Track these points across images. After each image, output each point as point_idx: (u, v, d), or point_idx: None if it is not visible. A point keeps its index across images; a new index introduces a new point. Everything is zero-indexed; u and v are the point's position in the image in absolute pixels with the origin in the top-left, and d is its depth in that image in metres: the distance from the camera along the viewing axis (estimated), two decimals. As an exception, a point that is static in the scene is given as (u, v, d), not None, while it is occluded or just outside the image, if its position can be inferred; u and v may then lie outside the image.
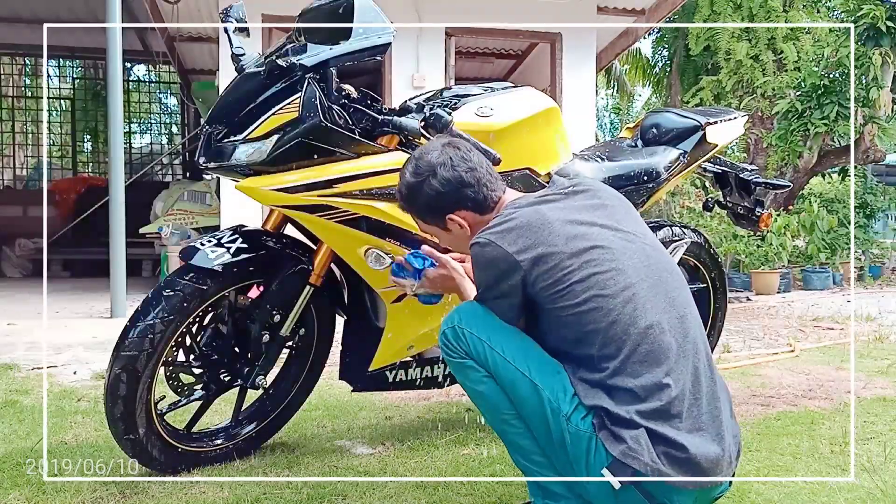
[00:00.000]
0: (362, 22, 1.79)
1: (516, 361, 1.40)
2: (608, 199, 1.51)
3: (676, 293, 1.42)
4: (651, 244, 1.47)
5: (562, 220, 1.40)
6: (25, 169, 12.50)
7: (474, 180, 1.52)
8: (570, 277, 1.35)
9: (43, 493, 1.78)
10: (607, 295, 1.34)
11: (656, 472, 1.29)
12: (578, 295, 1.35)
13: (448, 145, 1.55)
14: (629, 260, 1.39)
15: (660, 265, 1.43)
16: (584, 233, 1.40)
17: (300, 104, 1.73)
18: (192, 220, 6.74)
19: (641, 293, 1.36)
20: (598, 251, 1.38)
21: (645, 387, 1.31)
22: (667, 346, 1.34)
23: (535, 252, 1.37)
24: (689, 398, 1.34)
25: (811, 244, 7.93)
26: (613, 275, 1.36)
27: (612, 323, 1.33)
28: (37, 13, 8.62)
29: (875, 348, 3.85)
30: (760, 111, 8.79)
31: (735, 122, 2.62)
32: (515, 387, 1.40)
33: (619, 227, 1.44)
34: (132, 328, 1.76)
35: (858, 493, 1.80)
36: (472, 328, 1.45)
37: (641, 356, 1.32)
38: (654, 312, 1.36)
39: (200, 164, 1.83)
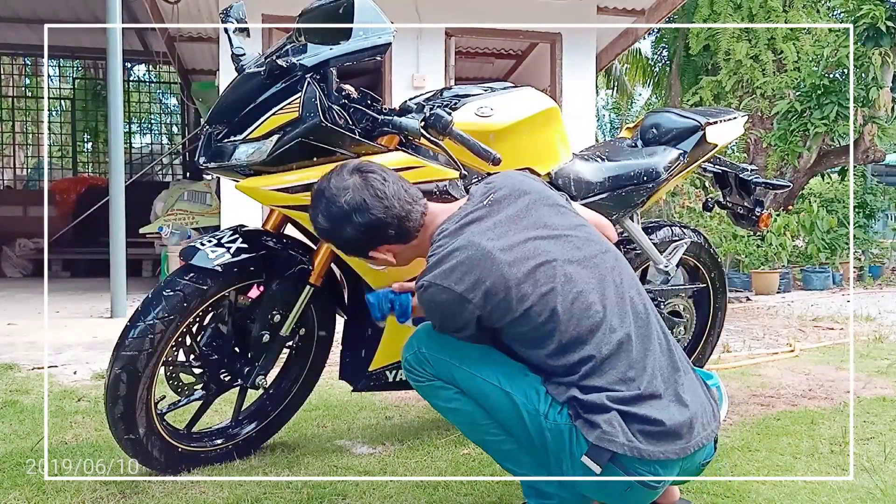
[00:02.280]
0: (362, 22, 1.79)
1: (483, 374, 1.42)
2: (527, 200, 1.49)
3: (618, 277, 1.45)
4: (579, 235, 1.47)
5: (499, 248, 1.39)
6: (25, 169, 12.51)
7: (392, 218, 1.48)
8: (523, 304, 1.36)
9: (43, 493, 1.78)
10: (562, 311, 1.36)
11: (634, 449, 1.31)
12: (535, 318, 1.36)
13: (361, 180, 1.48)
14: (570, 266, 1.40)
15: (593, 254, 1.45)
16: (523, 255, 1.39)
17: (300, 104, 1.73)
18: (192, 220, 6.74)
19: (592, 295, 1.39)
20: (542, 269, 1.38)
21: (612, 380, 1.34)
22: (625, 342, 1.37)
23: (483, 287, 1.36)
24: (650, 374, 1.37)
25: (811, 244, 7.93)
26: (562, 286, 1.37)
27: (573, 337, 1.35)
28: (37, 13, 8.62)
29: (875, 348, 3.85)
30: (760, 111, 8.79)
31: (735, 122, 2.62)
32: (488, 398, 1.42)
33: (550, 232, 1.45)
34: (132, 328, 1.76)
35: (858, 492, 1.80)
36: (433, 351, 1.46)
37: (605, 357, 1.35)
38: (611, 313, 1.39)
39: (200, 164, 1.83)
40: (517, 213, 1.46)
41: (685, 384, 1.41)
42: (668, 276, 2.51)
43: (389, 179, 1.51)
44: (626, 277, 1.47)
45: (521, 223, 1.45)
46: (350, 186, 1.47)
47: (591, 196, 2.23)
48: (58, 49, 10.33)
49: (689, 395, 1.39)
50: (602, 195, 2.25)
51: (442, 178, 1.85)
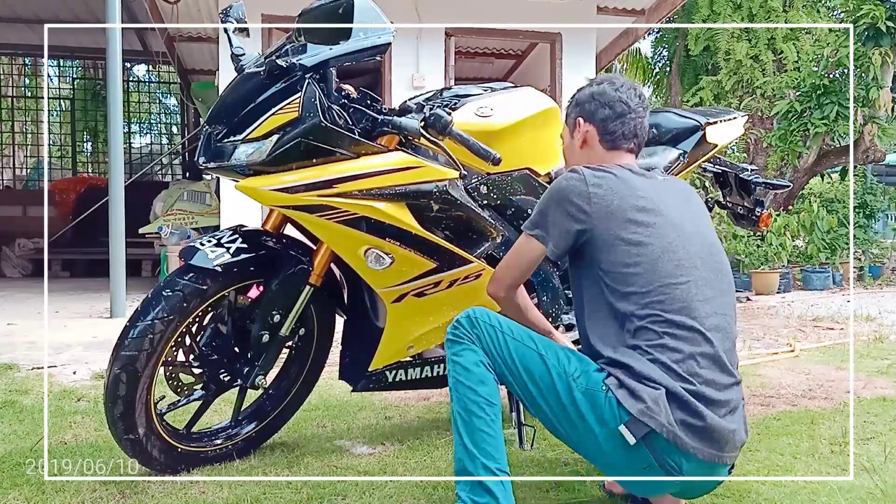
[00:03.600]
0: (362, 22, 1.79)
1: (524, 340, 1.49)
2: (690, 203, 1.64)
3: (725, 278, 1.55)
4: (705, 237, 1.57)
5: (651, 193, 1.53)
6: (25, 169, 12.50)
7: (628, 123, 1.62)
8: (628, 231, 1.47)
9: (43, 493, 1.78)
10: (661, 265, 1.45)
11: (671, 433, 1.35)
12: (633, 252, 1.46)
13: (639, 88, 1.68)
14: (692, 247, 1.50)
15: (713, 257, 1.55)
16: (656, 209, 1.51)
17: (300, 104, 1.73)
18: (192, 220, 6.74)
19: (694, 273, 1.47)
20: (662, 229, 1.49)
21: (676, 359, 1.39)
22: (705, 331, 1.43)
23: (607, 200, 1.49)
24: (713, 375, 1.41)
25: (811, 244, 7.93)
26: (671, 249, 1.47)
27: (659, 296, 1.43)
28: (37, 13, 8.62)
29: (875, 348, 3.85)
30: (760, 111, 8.79)
31: (735, 122, 2.62)
32: (525, 361, 1.47)
33: (693, 222, 1.56)
34: (132, 328, 1.76)
35: (858, 493, 1.80)
36: (486, 318, 1.52)
37: (680, 334, 1.41)
38: (703, 296, 1.46)
39: (200, 164, 1.83)
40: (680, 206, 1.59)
41: (736, 400, 1.46)
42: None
43: (647, 111, 1.68)
44: (728, 282, 1.57)
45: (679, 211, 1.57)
46: (635, 86, 1.69)
47: (590, 196, 2.22)
48: (58, 49, 10.33)
49: (737, 412, 1.45)
50: (602, 195, 2.25)
51: (442, 178, 1.84)
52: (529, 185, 2.07)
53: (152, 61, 9.90)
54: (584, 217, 1.50)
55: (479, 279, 1.98)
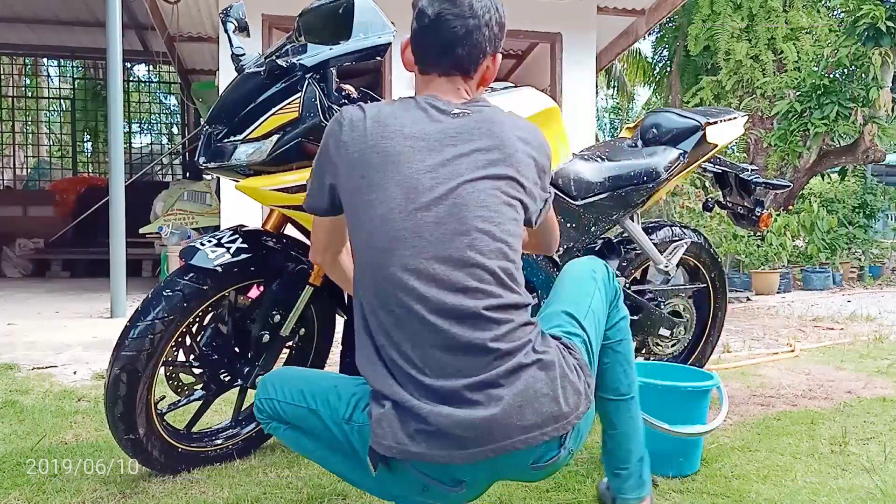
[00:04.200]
0: (362, 22, 1.79)
1: (296, 400, 1.35)
2: (478, 143, 1.27)
3: (458, 216, 1.21)
4: (473, 200, 1.22)
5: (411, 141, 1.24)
6: (25, 169, 12.50)
7: (431, 38, 1.34)
8: (356, 202, 1.24)
9: (43, 493, 1.78)
10: (371, 232, 1.22)
11: (404, 451, 1.15)
12: (357, 223, 1.25)
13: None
14: (425, 212, 1.20)
15: (467, 222, 1.22)
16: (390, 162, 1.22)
17: (300, 104, 1.73)
18: (192, 220, 6.74)
19: (410, 241, 1.19)
20: (390, 189, 1.21)
21: (393, 359, 1.19)
22: (419, 309, 1.18)
23: (352, 158, 1.24)
24: (445, 359, 1.17)
25: (811, 244, 7.93)
26: (388, 214, 1.20)
27: (373, 268, 1.21)
28: (37, 13, 8.62)
29: (875, 348, 3.85)
30: (760, 111, 8.79)
31: (735, 122, 2.62)
32: (305, 422, 1.35)
33: (449, 174, 1.23)
34: (132, 328, 1.76)
35: (858, 493, 1.80)
36: (266, 394, 1.40)
37: (395, 324, 1.19)
38: (424, 252, 1.19)
39: (200, 164, 1.83)
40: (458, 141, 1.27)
41: (505, 369, 1.17)
42: (668, 276, 2.51)
43: (477, 16, 1.34)
44: (465, 210, 1.21)
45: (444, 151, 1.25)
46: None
47: (591, 196, 2.23)
48: (58, 49, 10.33)
49: (512, 383, 1.16)
50: (602, 195, 2.25)
51: (442, 178, 1.84)
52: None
53: (152, 61, 9.89)
54: (331, 168, 1.28)
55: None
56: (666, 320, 2.48)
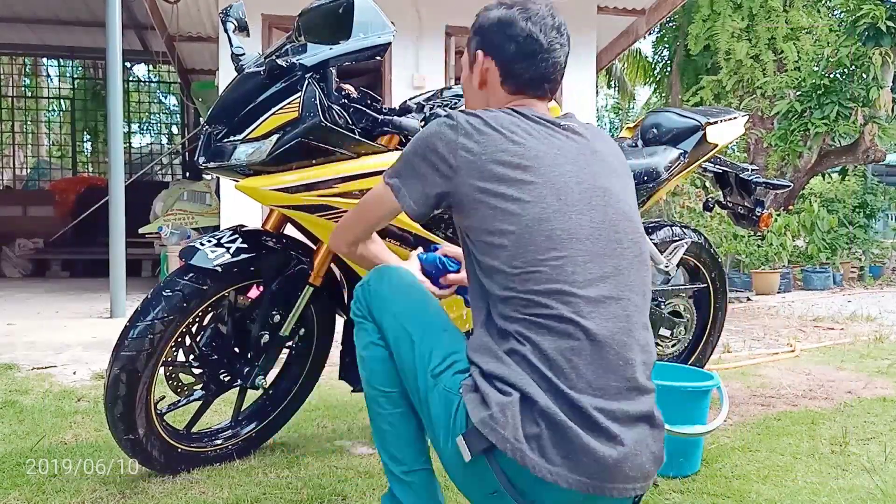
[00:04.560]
0: (362, 22, 1.79)
1: (403, 319, 1.30)
2: (603, 156, 1.31)
3: (627, 252, 1.23)
4: (605, 203, 1.25)
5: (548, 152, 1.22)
6: (25, 169, 12.50)
7: (538, 65, 1.30)
8: (493, 204, 1.19)
9: (43, 493, 1.78)
10: (527, 237, 1.17)
11: (518, 452, 1.07)
12: (495, 221, 1.19)
13: (559, 15, 1.33)
14: (580, 216, 1.20)
15: (613, 226, 1.24)
16: (537, 167, 1.21)
17: (300, 104, 1.73)
18: (192, 220, 6.74)
19: (574, 249, 1.17)
20: (542, 190, 1.20)
21: (542, 347, 1.12)
22: (592, 346, 1.13)
23: (476, 160, 1.20)
24: (598, 372, 1.12)
25: (811, 244, 7.93)
26: (541, 214, 1.18)
27: (527, 268, 1.16)
28: (37, 13, 8.62)
29: (875, 348, 3.85)
30: (760, 111, 8.79)
31: (735, 122, 2.62)
32: (398, 343, 1.29)
33: (594, 182, 1.25)
34: (132, 328, 1.76)
35: (859, 493, 1.80)
36: (380, 287, 1.35)
37: (549, 322, 1.13)
38: (588, 269, 1.17)
39: (200, 164, 1.83)
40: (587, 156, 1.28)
41: (636, 413, 1.14)
42: (668, 276, 2.50)
43: (567, 45, 1.35)
44: (631, 248, 1.24)
45: (582, 163, 1.26)
46: (543, 9, 1.32)
47: (591, 196, 2.22)
48: (58, 49, 10.33)
49: (635, 429, 1.13)
50: (602, 195, 2.25)
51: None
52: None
53: (152, 61, 9.91)
54: (449, 172, 1.23)
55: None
56: (666, 320, 2.47)
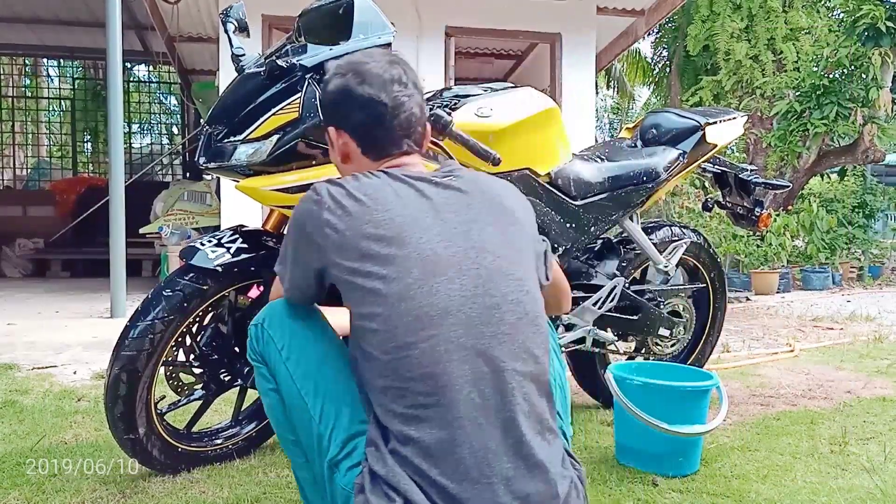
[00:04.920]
0: (362, 22, 1.79)
1: (300, 383, 1.19)
2: (478, 206, 1.19)
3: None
4: (497, 268, 1.13)
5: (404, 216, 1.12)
6: (25, 169, 12.50)
7: (389, 124, 1.22)
8: (361, 284, 1.10)
9: (43, 493, 1.78)
10: (394, 319, 1.08)
11: None
12: (365, 304, 1.10)
13: (397, 64, 1.26)
14: (449, 285, 1.09)
15: (496, 292, 1.12)
16: (400, 237, 1.11)
17: (300, 104, 1.73)
18: (192, 220, 6.74)
19: (445, 325, 1.07)
20: (406, 263, 1.09)
21: (420, 442, 1.04)
22: (476, 430, 1.04)
23: (343, 237, 1.11)
24: (488, 480, 1.03)
25: (810, 244, 7.94)
26: (406, 291, 1.08)
27: (398, 353, 1.07)
28: (37, 13, 8.62)
29: (875, 348, 3.85)
30: (760, 111, 8.80)
31: (734, 123, 2.62)
32: (295, 412, 1.20)
33: (465, 243, 1.13)
34: (132, 328, 1.76)
35: (858, 493, 1.80)
36: (273, 330, 1.25)
37: (421, 397, 1.05)
38: (472, 370, 1.07)
39: (200, 165, 1.83)
40: (462, 211, 1.17)
41: (534, 490, 1.05)
42: (667, 276, 2.51)
43: (416, 94, 1.26)
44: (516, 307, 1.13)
45: (454, 222, 1.15)
46: (386, 60, 1.26)
47: (590, 196, 2.23)
48: (58, 49, 10.33)
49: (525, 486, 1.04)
50: (602, 195, 2.26)
51: (442, 179, 1.84)
52: (529, 185, 2.07)
53: (152, 61, 9.90)
54: (319, 252, 1.15)
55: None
56: (665, 320, 2.48)
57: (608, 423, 2.36)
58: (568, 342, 2.31)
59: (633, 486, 1.86)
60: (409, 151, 1.26)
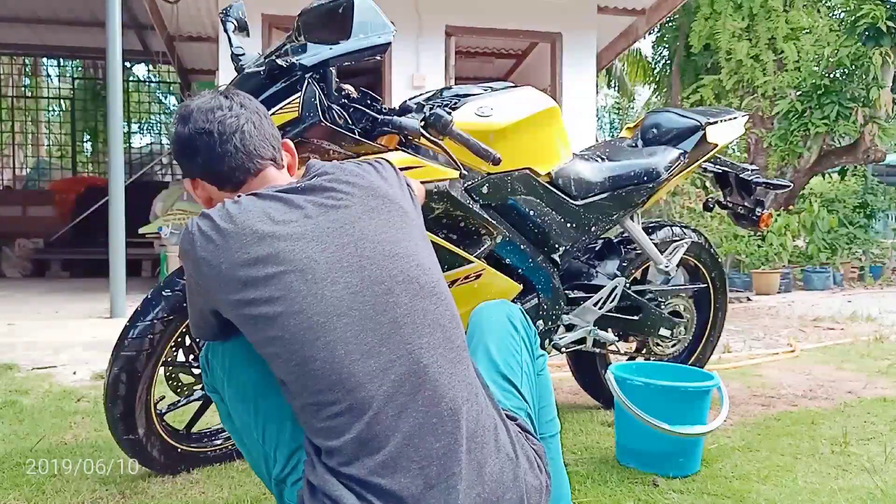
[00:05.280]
0: (362, 22, 1.78)
1: (242, 405, 1.20)
2: (349, 199, 1.15)
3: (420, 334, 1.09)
4: (379, 253, 1.12)
5: (257, 234, 1.09)
6: (25, 169, 12.51)
7: (224, 154, 1.20)
8: (250, 311, 1.08)
9: (43, 493, 1.78)
10: (289, 337, 1.05)
11: None
12: (258, 331, 1.08)
13: (221, 95, 1.25)
14: (333, 286, 1.07)
15: (384, 277, 1.10)
16: (274, 253, 1.07)
17: (300, 104, 1.73)
18: (191, 221, 6.73)
19: (355, 334, 1.05)
20: (293, 277, 1.07)
21: (346, 453, 1.03)
22: (395, 415, 1.04)
23: (219, 272, 1.09)
24: (420, 462, 1.03)
25: (811, 244, 7.94)
26: (315, 312, 1.06)
27: (302, 370, 1.05)
28: (37, 13, 8.62)
29: (875, 348, 3.85)
30: (761, 111, 8.80)
31: (735, 122, 2.62)
32: (243, 435, 1.22)
33: (341, 239, 1.11)
34: (132, 328, 1.76)
35: (859, 493, 1.80)
36: (214, 360, 1.25)
37: (357, 425, 1.03)
38: (377, 363, 1.05)
39: (200, 164, 1.83)
40: (325, 205, 1.15)
41: (476, 475, 1.05)
42: (668, 276, 2.50)
43: (242, 115, 1.23)
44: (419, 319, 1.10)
45: (318, 218, 1.13)
46: (209, 95, 1.27)
47: (591, 196, 2.23)
48: (58, 49, 10.34)
49: (475, 493, 1.04)
50: (602, 195, 2.25)
51: (442, 178, 1.84)
52: (530, 184, 2.07)
53: (152, 61, 9.90)
54: (203, 291, 1.13)
55: (479, 279, 1.98)
56: (666, 320, 2.47)
57: (609, 424, 2.36)
58: (568, 342, 2.30)
59: (634, 486, 1.85)
60: (263, 168, 1.23)
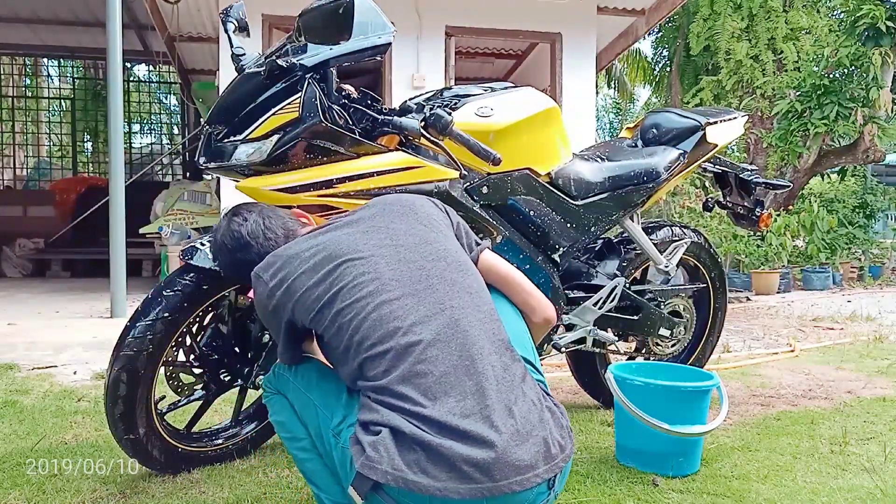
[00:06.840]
0: (362, 22, 1.79)
1: (306, 388, 1.41)
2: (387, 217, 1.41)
3: (451, 297, 1.29)
4: (411, 243, 1.36)
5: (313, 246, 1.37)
6: (25, 169, 12.50)
7: (250, 254, 1.49)
8: (319, 302, 1.30)
9: (43, 493, 1.78)
10: (354, 311, 1.27)
11: (400, 479, 1.12)
12: (327, 315, 1.29)
13: (225, 224, 1.55)
14: (380, 266, 1.31)
15: (420, 259, 1.33)
16: (329, 252, 1.34)
17: (300, 104, 1.73)
18: (192, 220, 6.74)
19: (396, 299, 1.27)
20: (345, 265, 1.31)
21: (397, 393, 1.19)
22: (424, 347, 1.22)
23: (287, 283, 1.34)
24: (457, 395, 1.18)
25: (811, 244, 7.93)
26: (360, 286, 1.29)
27: (362, 339, 1.24)
28: (37, 13, 8.62)
29: (875, 348, 3.85)
30: (760, 111, 8.80)
31: (735, 123, 2.62)
32: (305, 411, 1.40)
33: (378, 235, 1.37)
34: (132, 328, 1.76)
35: (858, 493, 1.80)
36: (281, 370, 1.49)
37: (394, 364, 1.21)
38: (416, 314, 1.25)
39: (200, 164, 1.83)
40: (367, 220, 1.41)
41: (501, 407, 1.19)
42: (668, 276, 2.51)
43: (250, 219, 1.53)
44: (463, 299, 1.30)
45: (363, 227, 1.39)
46: (218, 229, 1.57)
47: (591, 196, 2.23)
48: (58, 49, 10.33)
49: (505, 423, 1.17)
50: (602, 195, 2.26)
51: (442, 178, 1.85)
52: (530, 185, 2.07)
53: (153, 61, 9.90)
54: (281, 310, 1.36)
55: (479, 279, 1.98)
56: (666, 320, 2.48)
57: (608, 424, 2.36)
58: (568, 342, 2.30)
59: (634, 486, 1.85)
60: (296, 230, 1.55)
